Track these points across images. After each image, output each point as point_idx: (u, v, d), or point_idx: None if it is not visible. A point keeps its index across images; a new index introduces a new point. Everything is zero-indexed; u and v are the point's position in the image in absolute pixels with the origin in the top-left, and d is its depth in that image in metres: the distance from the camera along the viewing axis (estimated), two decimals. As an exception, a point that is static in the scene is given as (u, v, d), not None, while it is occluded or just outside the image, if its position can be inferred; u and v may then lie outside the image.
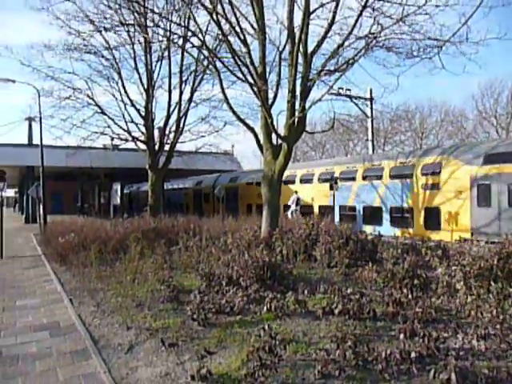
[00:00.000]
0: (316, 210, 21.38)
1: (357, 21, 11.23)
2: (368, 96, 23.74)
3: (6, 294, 8.53)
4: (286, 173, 16.06)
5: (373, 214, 18.41)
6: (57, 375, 4.60)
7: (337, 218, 19.44)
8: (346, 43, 11.69)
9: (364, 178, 19.41)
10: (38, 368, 4.81)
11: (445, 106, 49.26)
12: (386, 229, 16.48)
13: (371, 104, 24.05)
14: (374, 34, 11.21)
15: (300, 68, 12.05)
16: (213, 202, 31.02)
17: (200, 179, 35.10)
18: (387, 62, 11.99)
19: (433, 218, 15.99)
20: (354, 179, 19.76)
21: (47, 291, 8.71)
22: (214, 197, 29.94)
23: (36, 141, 26.19)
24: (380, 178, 18.61)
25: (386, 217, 18.04)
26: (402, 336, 5.16)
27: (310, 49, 11.91)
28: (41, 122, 21.19)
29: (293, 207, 20.50)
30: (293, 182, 23.13)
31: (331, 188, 19.03)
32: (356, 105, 15.38)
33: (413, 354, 4.49)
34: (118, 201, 30.05)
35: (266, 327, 4.77)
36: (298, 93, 12.06)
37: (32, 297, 8.25)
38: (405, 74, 11.43)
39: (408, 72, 11.84)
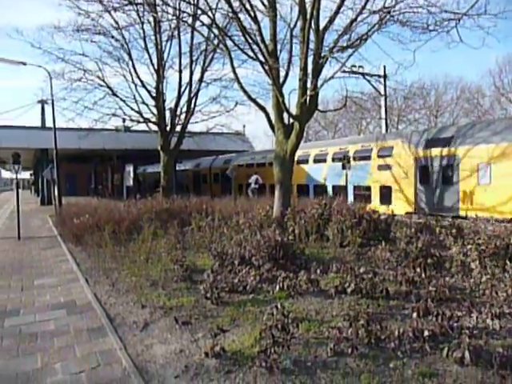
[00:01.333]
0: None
1: (370, -6, 10.93)
2: (381, 73, 23.27)
3: (24, 273, 8.71)
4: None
5: (340, 192, 19.83)
6: (74, 352, 4.70)
7: (311, 195, 21.71)
8: (359, 18, 11.39)
9: (333, 160, 21.65)
10: (56, 345, 4.92)
11: (461, 82, 48.23)
12: None
13: (385, 81, 23.59)
14: (388, 8, 10.89)
15: (312, 45, 11.80)
16: (209, 182, 33.29)
17: (199, 161, 36.45)
18: (401, 37, 11.72)
19: (386, 194, 18.20)
20: (325, 161, 21.92)
21: (64, 271, 8.87)
22: (210, 178, 33.15)
23: (49, 123, 26.38)
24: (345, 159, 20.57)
25: (350, 194, 19.98)
26: (415, 315, 5.16)
27: (321, 25, 11.64)
28: (53, 105, 21.29)
29: (253, 185, 22.46)
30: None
31: (343, 167, 18.92)
32: (369, 82, 15.11)
33: (426, 333, 4.49)
34: (131, 182, 30.26)
35: (279, 306, 4.78)
36: (309, 70, 11.84)
37: (49, 276, 8.41)
38: (420, 50, 11.17)
39: (423, 48, 11.57)
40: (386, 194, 18.19)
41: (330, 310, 5.70)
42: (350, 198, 19.50)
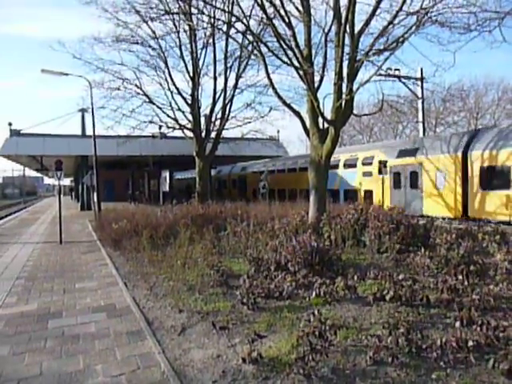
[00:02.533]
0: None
1: (407, -4, 10.71)
2: (418, 75, 22.74)
3: (65, 277, 8.99)
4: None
5: (333, 195, 21.98)
6: (115, 354, 4.80)
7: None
8: (396, 20, 11.17)
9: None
10: (97, 347, 5.03)
11: (503, 83, 46.35)
12: None
13: (422, 84, 23.03)
14: (425, 9, 10.63)
15: (347, 49, 11.69)
16: (228, 188, 37.08)
17: (220, 169, 40.00)
18: (440, 38, 11.39)
19: (368, 197, 20.54)
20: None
21: (103, 275, 9.10)
22: (229, 183, 37.29)
23: (89, 131, 27.27)
24: (337, 167, 23.33)
25: (341, 196, 23.04)
26: (457, 324, 4.97)
27: (357, 28, 11.50)
28: (93, 113, 21.99)
29: (261, 190, 24.48)
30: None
31: (380, 172, 18.66)
32: (405, 85, 14.83)
33: (470, 343, 4.32)
34: (167, 188, 30.86)
35: (316, 312, 4.74)
36: (344, 75, 11.72)
37: (89, 280, 8.65)
38: (459, 51, 10.80)
39: (463, 48, 11.18)
40: (368, 197, 20.80)
41: (368, 317, 5.59)
42: (341, 199, 22.76)
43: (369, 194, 20.81)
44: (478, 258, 7.37)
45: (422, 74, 22.77)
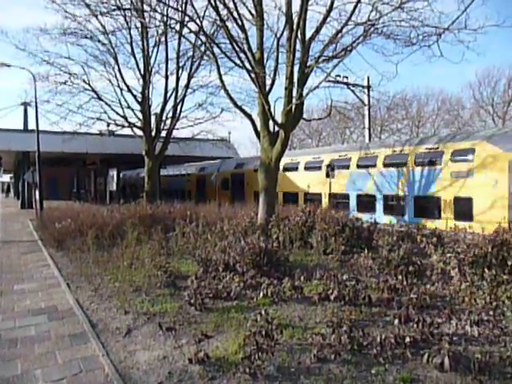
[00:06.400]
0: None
1: (355, 7, 11.12)
2: (365, 83, 23.63)
3: (3, 278, 8.55)
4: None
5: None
6: (56, 358, 4.64)
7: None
8: (345, 30, 11.58)
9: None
10: (37, 351, 4.85)
11: (442, 94, 49.20)
12: None
13: (368, 92, 23.92)
14: (372, 20, 11.11)
15: (298, 54, 11.96)
16: (130, 187, 39.68)
17: (125, 173, 41.87)
18: (385, 49, 11.94)
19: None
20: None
21: (45, 276, 8.74)
22: (130, 183, 40.52)
23: (32, 126, 26.00)
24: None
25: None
26: (396, 321, 5.24)
27: (308, 35, 11.81)
28: (36, 107, 21.04)
29: None
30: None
31: (327, 176, 19.09)
32: (353, 92, 15.33)
33: (407, 339, 4.57)
34: (114, 187, 30.01)
35: (263, 312, 4.82)
36: (295, 79, 11.98)
37: (29, 281, 8.28)
38: (403, 62, 11.41)
39: (406, 60, 11.83)
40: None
41: (313, 316, 5.76)
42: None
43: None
44: (417, 259, 7.78)
45: (368, 82, 23.66)
